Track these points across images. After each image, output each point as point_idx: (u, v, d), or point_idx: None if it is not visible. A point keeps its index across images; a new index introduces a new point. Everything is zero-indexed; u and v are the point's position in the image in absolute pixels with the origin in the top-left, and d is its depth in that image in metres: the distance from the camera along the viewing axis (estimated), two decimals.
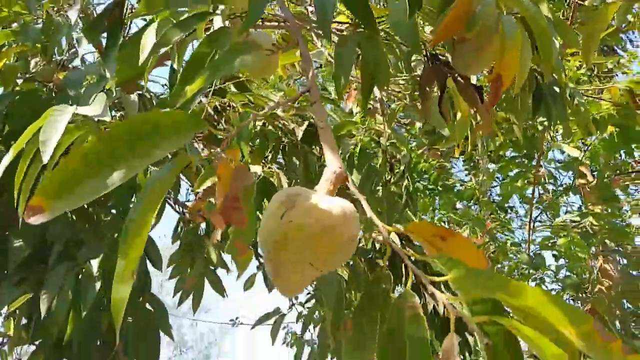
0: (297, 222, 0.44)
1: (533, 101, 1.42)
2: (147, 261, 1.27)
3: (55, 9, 1.72)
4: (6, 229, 1.31)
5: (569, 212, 2.84)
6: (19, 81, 1.55)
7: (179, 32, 0.57)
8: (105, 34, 0.81)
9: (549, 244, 2.48)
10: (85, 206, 1.34)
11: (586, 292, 2.48)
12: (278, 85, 2.47)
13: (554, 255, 2.43)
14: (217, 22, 0.64)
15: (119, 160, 0.38)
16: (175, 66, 0.74)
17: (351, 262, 1.50)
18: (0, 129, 1.35)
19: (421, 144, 2.78)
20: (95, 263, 1.19)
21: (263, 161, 1.21)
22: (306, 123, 1.69)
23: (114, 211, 1.38)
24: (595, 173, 2.78)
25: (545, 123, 1.67)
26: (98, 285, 1.17)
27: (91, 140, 0.37)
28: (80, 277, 1.22)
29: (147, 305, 1.23)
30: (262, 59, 0.59)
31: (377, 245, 1.61)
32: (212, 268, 1.55)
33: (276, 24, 0.80)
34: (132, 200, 1.43)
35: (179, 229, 1.49)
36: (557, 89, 1.44)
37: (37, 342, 1.23)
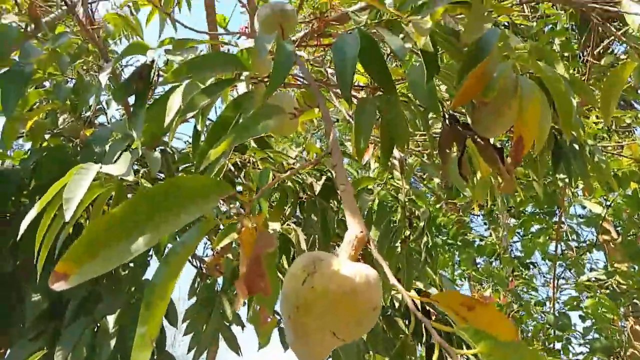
0: (320, 288, 0.43)
1: (553, 158, 1.42)
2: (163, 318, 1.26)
3: (85, 68, 1.81)
4: (25, 282, 1.32)
5: (594, 269, 2.75)
6: (47, 136, 1.61)
7: (205, 98, 0.59)
8: (133, 96, 0.84)
9: (575, 304, 2.39)
10: None
11: (618, 356, 2.35)
12: (296, 140, 2.52)
13: (580, 317, 2.33)
14: (242, 87, 0.66)
15: (144, 226, 0.38)
16: (198, 127, 0.76)
17: None
18: (27, 184, 1.39)
19: (439, 198, 2.77)
20: (111, 319, 1.18)
21: (281, 217, 1.21)
22: (324, 178, 1.70)
23: (132, 264, 1.38)
24: (619, 229, 2.71)
25: (566, 180, 1.65)
26: (113, 342, 1.15)
27: (118, 206, 0.38)
28: (96, 331, 1.20)
29: None
30: (284, 121, 0.61)
31: (396, 304, 1.57)
32: (227, 324, 1.52)
33: (298, 84, 0.82)
34: (150, 253, 1.43)
35: (196, 284, 1.48)
36: (576, 146, 1.44)
37: None
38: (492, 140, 0.77)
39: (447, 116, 0.76)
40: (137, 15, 1.97)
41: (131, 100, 0.93)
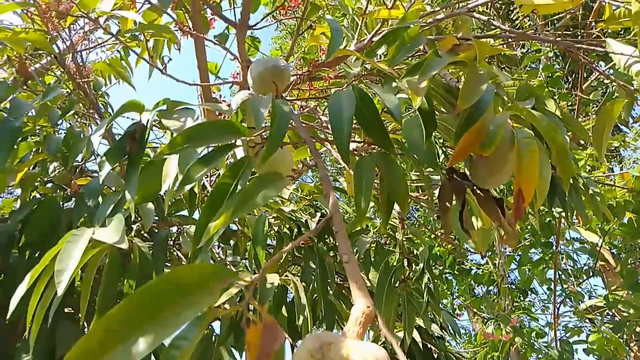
0: None
1: (548, 194, 1.42)
2: None
3: (76, 117, 1.80)
4: (14, 341, 1.28)
5: (593, 296, 2.73)
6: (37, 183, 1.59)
7: (202, 168, 0.58)
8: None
9: (576, 333, 2.36)
10: None
11: None
12: None
13: (584, 350, 2.30)
14: (239, 153, 0.65)
15: (144, 328, 0.36)
16: (195, 189, 0.74)
17: None
18: (17, 239, 1.36)
19: (434, 228, 2.76)
20: None
21: (279, 265, 1.19)
22: (319, 215, 1.69)
23: None
24: (615, 251, 2.71)
25: (562, 213, 1.65)
26: None
27: (114, 308, 0.36)
28: None
29: None
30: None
31: None
32: None
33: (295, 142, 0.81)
34: None
35: None
36: (570, 180, 1.44)
37: None
38: (491, 191, 0.76)
39: (445, 168, 0.75)
40: (129, 57, 1.98)
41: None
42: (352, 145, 0.83)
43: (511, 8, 4.18)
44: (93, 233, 0.81)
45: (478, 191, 0.75)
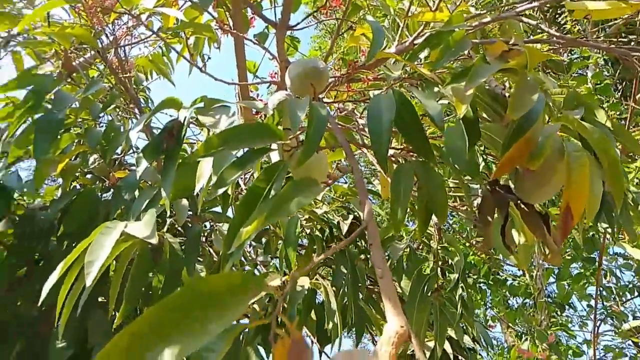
0: None
1: None
2: None
3: (117, 111, 1.83)
4: (49, 327, 1.31)
5: (638, 317, 2.59)
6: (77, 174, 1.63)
7: (236, 171, 0.57)
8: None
9: (620, 359, 2.24)
10: None
11: None
12: None
13: None
14: (274, 156, 0.64)
15: (170, 339, 0.35)
16: (229, 191, 0.73)
17: None
18: (57, 227, 1.40)
19: (470, 237, 2.69)
20: None
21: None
22: (351, 217, 1.66)
23: None
24: None
25: (608, 230, 1.57)
26: None
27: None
28: None
29: None
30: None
31: None
32: None
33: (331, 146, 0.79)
34: None
35: None
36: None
37: None
38: (536, 206, 0.72)
39: (487, 179, 0.72)
40: (170, 53, 2.01)
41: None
42: (390, 151, 0.81)
43: (559, 12, 4.03)
44: (125, 226, 0.81)
45: (522, 205, 0.71)
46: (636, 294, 2.51)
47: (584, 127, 0.71)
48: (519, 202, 0.72)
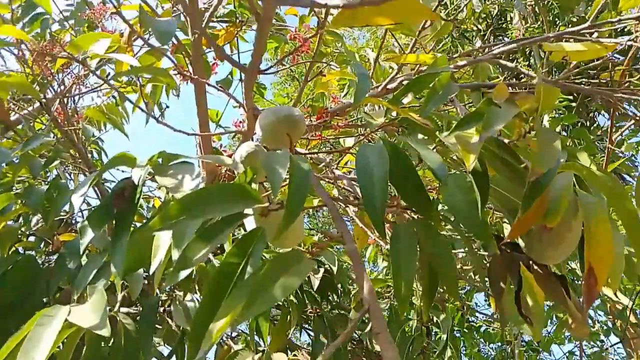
0: None
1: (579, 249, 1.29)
2: None
3: (62, 166, 1.67)
4: None
5: None
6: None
7: (202, 247, 0.45)
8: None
9: None
10: None
11: None
12: None
13: None
14: (249, 224, 0.53)
15: None
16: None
17: None
18: None
19: None
20: None
21: (287, 339, 1.03)
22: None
23: None
24: None
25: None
26: None
27: None
28: None
29: None
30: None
31: None
32: None
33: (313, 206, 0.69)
34: None
35: None
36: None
37: None
38: (550, 267, 0.63)
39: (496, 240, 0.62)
40: (125, 102, 1.88)
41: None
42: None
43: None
44: (68, 313, 0.66)
45: (535, 267, 0.62)
46: (618, 341, 2.46)
47: (596, 175, 0.63)
48: (531, 262, 0.62)
